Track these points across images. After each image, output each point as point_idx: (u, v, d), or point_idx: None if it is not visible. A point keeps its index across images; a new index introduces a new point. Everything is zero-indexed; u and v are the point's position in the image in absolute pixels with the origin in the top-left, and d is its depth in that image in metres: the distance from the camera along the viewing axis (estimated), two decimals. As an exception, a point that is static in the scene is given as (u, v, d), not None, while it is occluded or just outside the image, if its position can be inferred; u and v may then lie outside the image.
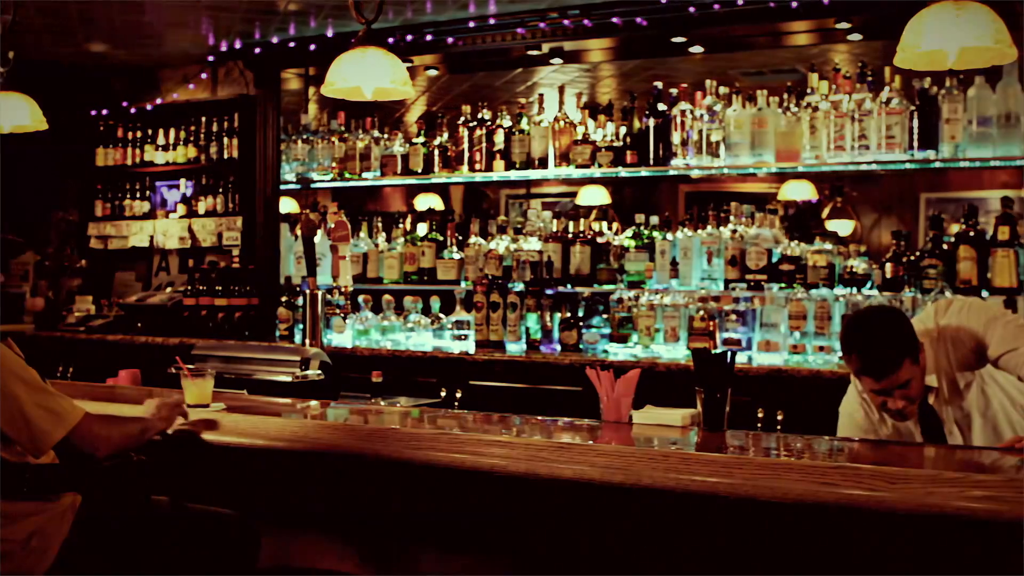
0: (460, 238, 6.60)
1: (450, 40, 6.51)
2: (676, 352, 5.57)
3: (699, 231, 5.75)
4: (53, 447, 3.12)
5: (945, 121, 5.16)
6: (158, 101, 8.03)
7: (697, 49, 6.19)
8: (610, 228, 6.47)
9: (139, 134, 8.01)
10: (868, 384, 3.48)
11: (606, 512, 2.94)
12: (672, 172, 6.04)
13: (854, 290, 5.32)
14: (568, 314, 5.92)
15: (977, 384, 3.60)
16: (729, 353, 3.30)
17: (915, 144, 5.24)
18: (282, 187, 7.27)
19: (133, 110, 8.01)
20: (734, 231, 5.66)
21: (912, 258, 5.25)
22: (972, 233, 5.14)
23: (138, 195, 8.09)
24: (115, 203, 8.14)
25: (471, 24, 6.41)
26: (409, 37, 6.53)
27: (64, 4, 6.48)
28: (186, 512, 3.40)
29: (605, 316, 5.93)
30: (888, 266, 5.26)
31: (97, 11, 6.64)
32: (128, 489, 3.37)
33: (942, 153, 5.20)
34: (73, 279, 8.15)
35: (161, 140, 7.87)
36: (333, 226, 5.02)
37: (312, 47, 6.92)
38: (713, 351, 3.43)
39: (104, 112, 8.12)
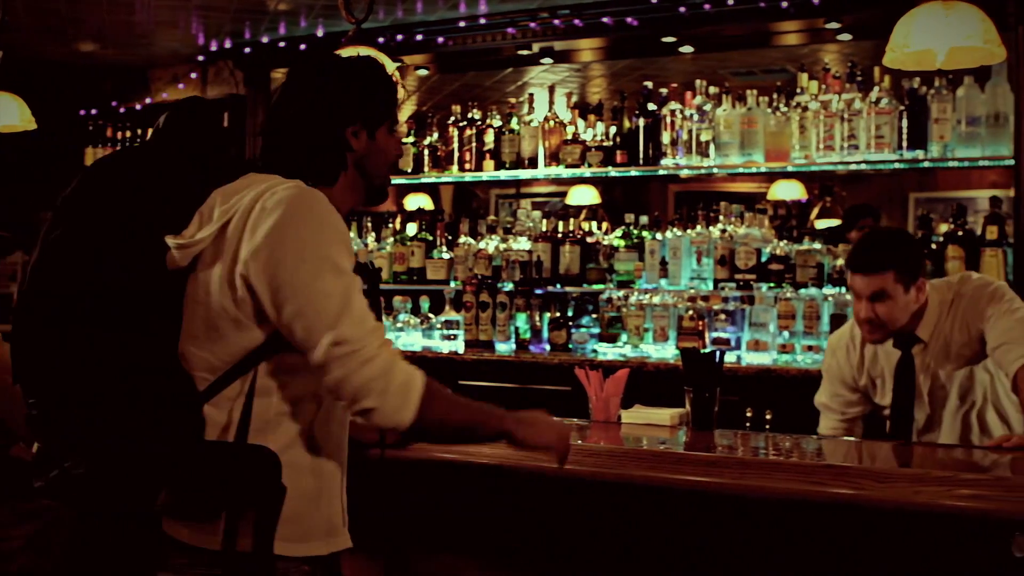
0: (450, 238, 6.60)
1: (440, 40, 6.51)
2: (665, 352, 5.57)
3: (688, 231, 5.75)
4: None
5: (934, 121, 5.17)
6: (148, 101, 8.01)
7: (687, 49, 6.20)
8: (600, 228, 6.47)
9: (128, 134, 8.00)
10: (850, 284, 3.53)
11: (595, 510, 2.95)
12: (662, 172, 6.03)
13: (843, 289, 5.33)
14: (557, 314, 5.92)
15: (968, 367, 3.57)
16: (717, 353, 3.31)
17: (904, 144, 5.24)
18: (272, 186, 7.24)
19: (123, 110, 8.00)
20: (723, 231, 5.66)
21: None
22: (961, 233, 5.15)
23: (127, 195, 8.05)
24: (104, 203, 8.10)
25: (461, 24, 6.41)
26: (399, 37, 6.53)
27: (54, 3, 6.47)
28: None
29: (594, 316, 5.94)
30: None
31: (87, 10, 6.63)
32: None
33: (931, 153, 5.21)
34: (62, 279, 8.11)
35: (151, 140, 7.85)
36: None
37: (302, 47, 6.92)
38: (702, 351, 3.43)
39: (93, 112, 8.10)
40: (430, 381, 2.23)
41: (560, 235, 6.14)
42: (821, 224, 8.23)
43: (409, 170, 6.71)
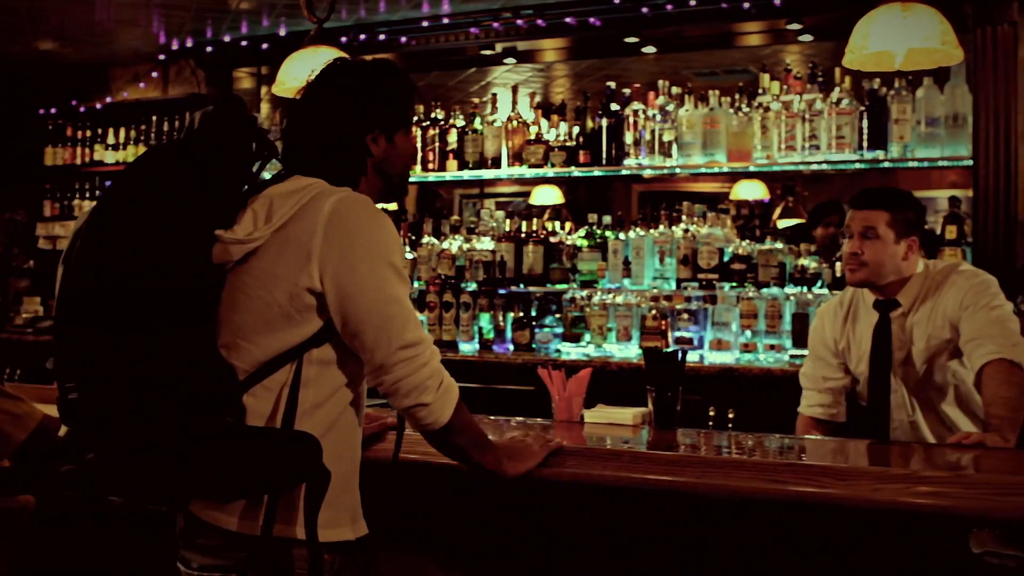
0: (413, 238, 6.58)
1: (403, 39, 6.50)
2: (628, 351, 5.59)
3: (651, 231, 5.77)
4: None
5: (894, 121, 5.22)
6: (108, 100, 7.96)
7: (650, 49, 6.23)
8: (563, 228, 6.48)
9: (89, 133, 7.94)
10: (847, 223, 3.66)
11: (557, 510, 2.95)
12: (625, 172, 6.06)
13: (804, 289, 5.36)
14: (521, 314, 5.92)
15: (947, 353, 3.58)
16: (680, 352, 3.31)
17: (865, 144, 5.28)
18: (234, 187, 7.20)
19: (83, 109, 7.93)
20: (686, 230, 5.68)
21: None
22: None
23: (88, 195, 8.00)
24: (64, 203, 8.05)
25: (424, 23, 6.41)
26: (362, 36, 6.52)
27: (12, 1, 6.40)
28: (141, 511, 3.36)
29: (558, 316, 5.95)
30: (838, 265, 5.30)
31: (46, 8, 6.58)
32: (84, 490, 3.33)
33: (891, 153, 5.25)
34: (21, 280, 8.06)
35: (111, 139, 7.80)
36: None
37: (265, 46, 6.89)
38: (664, 350, 3.44)
39: (53, 111, 8.03)
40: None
41: (524, 235, 6.14)
42: (783, 224, 8.27)
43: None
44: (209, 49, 7.17)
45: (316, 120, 2.47)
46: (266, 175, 2.43)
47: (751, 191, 8.70)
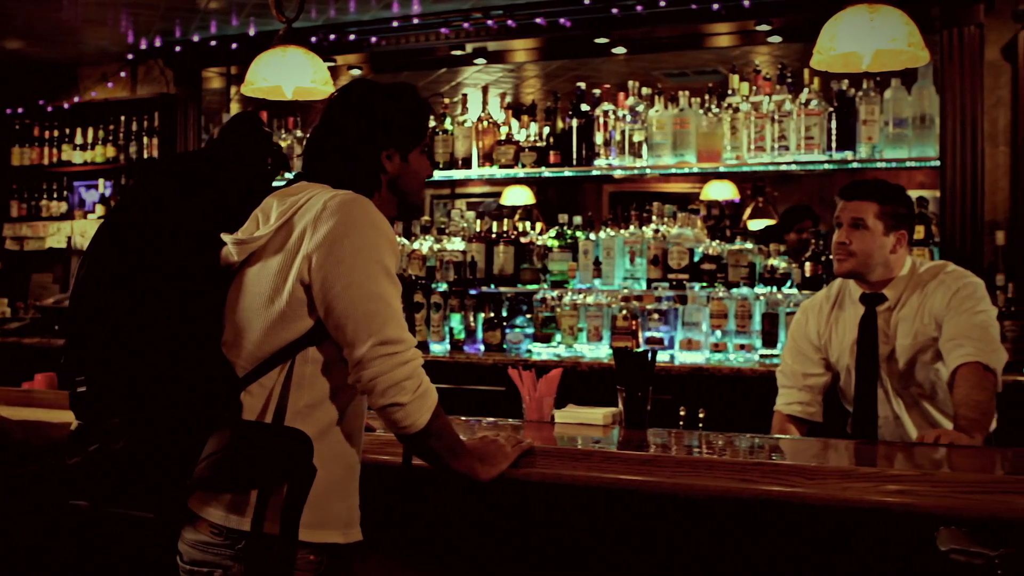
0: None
1: (374, 40, 6.49)
2: (599, 351, 5.60)
3: (622, 231, 5.78)
4: None
5: (862, 122, 5.25)
6: (76, 100, 7.90)
7: (620, 50, 6.24)
8: (534, 228, 6.48)
9: (56, 133, 7.88)
10: (837, 214, 3.72)
11: (526, 510, 2.95)
12: (595, 172, 6.06)
13: (774, 289, 5.39)
14: (492, 314, 5.92)
15: (932, 351, 3.59)
16: (649, 352, 3.32)
17: (833, 145, 5.31)
18: (203, 187, 7.16)
19: (50, 108, 7.87)
20: (657, 231, 5.70)
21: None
22: (888, 232, 5.22)
23: (55, 195, 7.96)
24: (31, 203, 7.99)
25: (395, 24, 6.39)
26: (332, 36, 6.50)
27: (-23, 0, 6.35)
28: (106, 516, 3.35)
29: (528, 316, 5.95)
30: (807, 265, 5.33)
31: (13, 6, 6.52)
32: (46, 494, 3.31)
33: (859, 154, 5.29)
34: (-12, 281, 7.99)
35: (79, 139, 7.74)
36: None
37: (234, 46, 6.86)
38: (634, 350, 3.45)
39: (20, 110, 7.96)
40: None
41: (494, 235, 6.14)
42: (754, 224, 8.30)
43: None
44: (178, 49, 7.13)
45: (333, 136, 2.55)
46: (279, 183, 2.56)
47: (721, 191, 8.72)
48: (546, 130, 6.12)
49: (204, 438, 2.31)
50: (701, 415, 4.78)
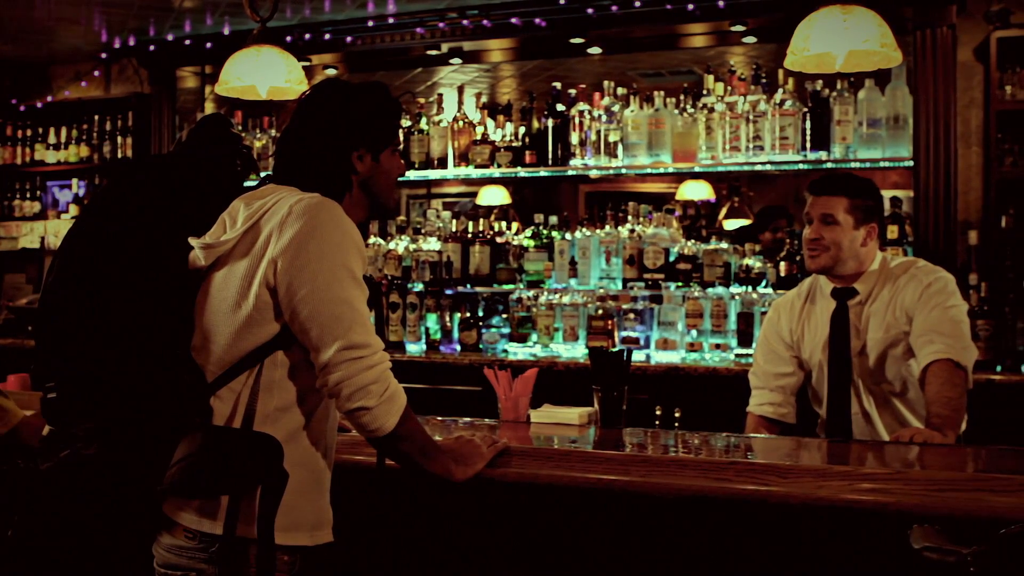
0: (359, 238, 6.53)
1: (349, 39, 6.47)
2: (575, 351, 5.60)
3: (598, 231, 5.79)
4: None
5: (836, 123, 5.28)
6: (49, 99, 7.85)
7: (595, 50, 6.24)
8: (510, 228, 6.48)
9: (29, 132, 7.81)
10: (806, 211, 3.70)
11: (502, 510, 2.95)
12: (571, 172, 6.08)
13: (749, 288, 5.41)
14: (468, 314, 5.92)
15: (903, 345, 3.61)
16: (625, 351, 3.33)
17: (808, 145, 5.34)
18: (178, 187, 7.13)
19: (23, 108, 7.81)
20: (632, 231, 5.71)
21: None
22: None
23: (28, 195, 7.90)
24: (4, 203, 7.94)
25: (370, 23, 6.38)
26: (307, 36, 6.48)
27: (-51, -2, 6.31)
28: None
29: (505, 316, 5.95)
30: (782, 264, 5.36)
31: (-16, 5, 6.48)
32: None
33: (834, 154, 5.31)
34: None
35: (52, 139, 7.69)
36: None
37: (208, 45, 6.83)
38: (610, 350, 3.45)
39: (-8, 110, 7.91)
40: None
41: (470, 235, 6.14)
42: (729, 224, 8.33)
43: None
44: (152, 48, 7.09)
45: (303, 135, 2.54)
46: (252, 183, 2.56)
47: (697, 191, 8.74)
48: (522, 130, 6.12)
49: (175, 443, 2.30)
50: (677, 414, 4.79)
